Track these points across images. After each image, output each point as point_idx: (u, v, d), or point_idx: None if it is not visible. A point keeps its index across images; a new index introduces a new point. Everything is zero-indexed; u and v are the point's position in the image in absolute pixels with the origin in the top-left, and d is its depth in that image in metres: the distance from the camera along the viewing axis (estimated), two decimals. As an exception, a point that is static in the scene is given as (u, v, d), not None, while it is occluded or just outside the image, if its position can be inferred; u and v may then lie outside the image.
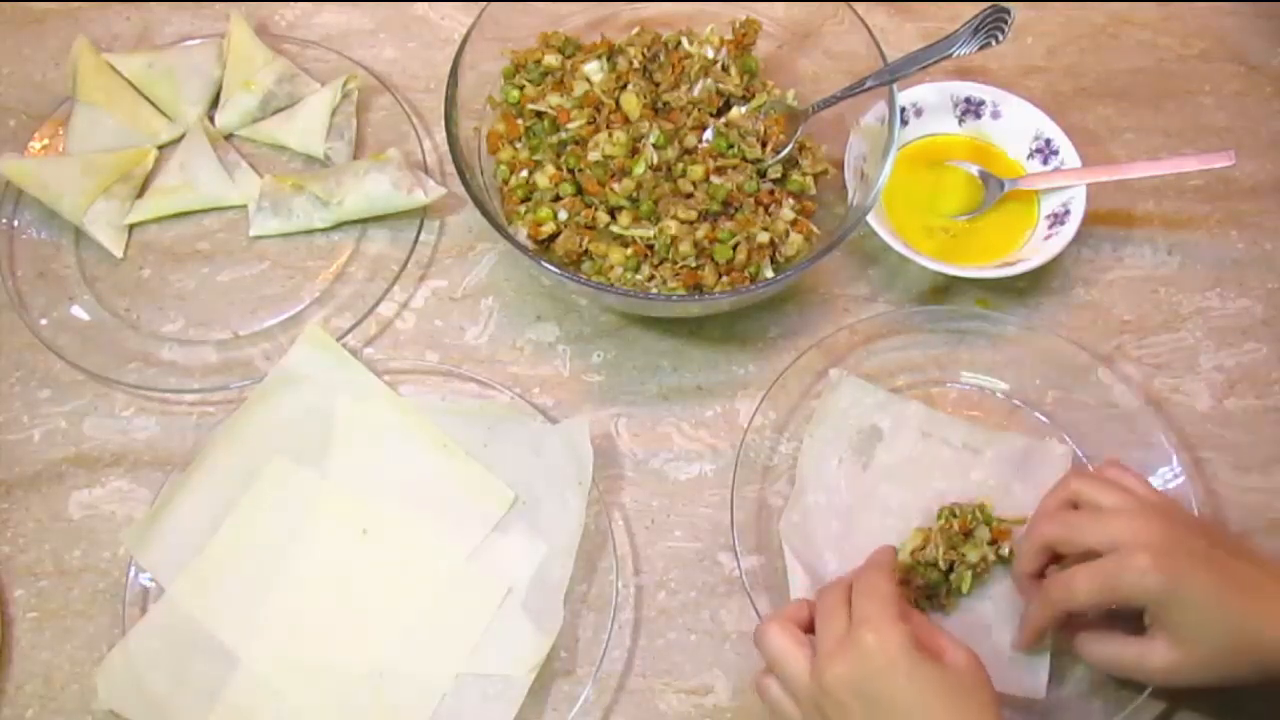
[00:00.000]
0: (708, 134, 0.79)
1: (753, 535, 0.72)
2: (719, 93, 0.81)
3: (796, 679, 0.57)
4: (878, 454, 0.73)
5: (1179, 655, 0.59)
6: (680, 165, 0.77)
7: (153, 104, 0.88)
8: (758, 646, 0.60)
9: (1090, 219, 0.81)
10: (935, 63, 0.76)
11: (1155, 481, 0.72)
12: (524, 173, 0.80)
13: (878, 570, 0.60)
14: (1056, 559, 0.66)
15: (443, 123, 0.77)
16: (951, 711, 0.55)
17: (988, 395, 0.78)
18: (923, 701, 0.54)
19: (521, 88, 0.82)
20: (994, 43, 0.75)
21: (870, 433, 0.74)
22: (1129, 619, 0.62)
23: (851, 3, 0.81)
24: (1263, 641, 0.58)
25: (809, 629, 0.60)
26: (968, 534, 0.70)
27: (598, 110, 0.79)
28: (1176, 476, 0.72)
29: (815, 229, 0.79)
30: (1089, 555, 0.61)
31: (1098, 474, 0.67)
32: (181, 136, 0.87)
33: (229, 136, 0.88)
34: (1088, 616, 0.65)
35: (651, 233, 0.76)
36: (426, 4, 0.96)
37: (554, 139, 0.80)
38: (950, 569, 0.69)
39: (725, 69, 0.82)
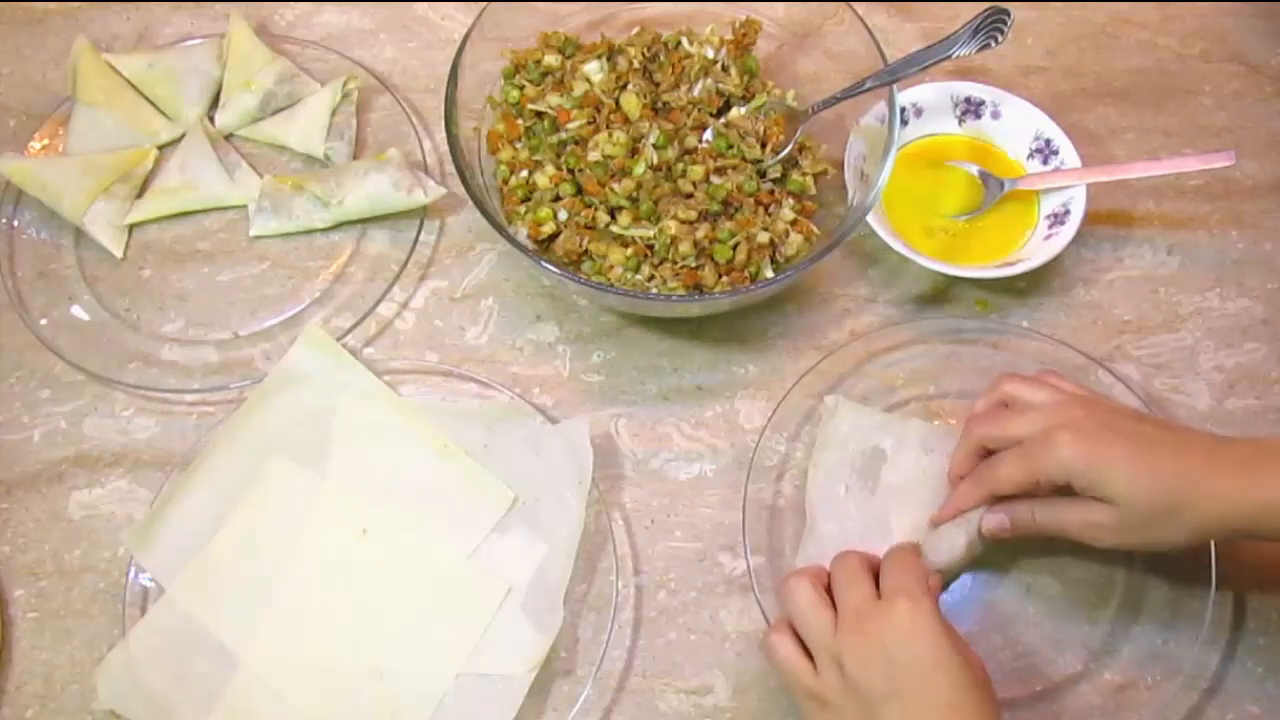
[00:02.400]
0: (708, 134, 0.79)
1: (752, 535, 0.72)
2: (719, 93, 0.81)
3: (821, 634, 0.59)
4: (884, 476, 0.72)
5: (1116, 515, 0.61)
6: (680, 165, 0.77)
7: (153, 104, 0.88)
8: (782, 598, 0.62)
9: (1090, 219, 0.81)
10: (935, 63, 0.76)
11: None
12: (524, 173, 0.80)
13: (909, 550, 0.64)
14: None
15: (443, 123, 0.77)
16: (958, 690, 0.56)
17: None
18: (936, 674, 0.56)
19: (521, 88, 0.82)
20: (993, 44, 0.75)
21: (873, 455, 0.73)
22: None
23: (851, 3, 0.81)
24: (1190, 499, 0.60)
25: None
26: None
27: (598, 110, 0.79)
28: None
29: (815, 229, 0.79)
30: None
31: (1030, 376, 0.69)
32: (181, 136, 0.87)
33: (229, 136, 0.88)
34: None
35: (651, 233, 0.76)
36: (426, 4, 0.96)
37: (554, 139, 0.80)
38: None
39: (725, 69, 0.82)
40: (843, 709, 0.58)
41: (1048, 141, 0.85)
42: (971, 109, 0.87)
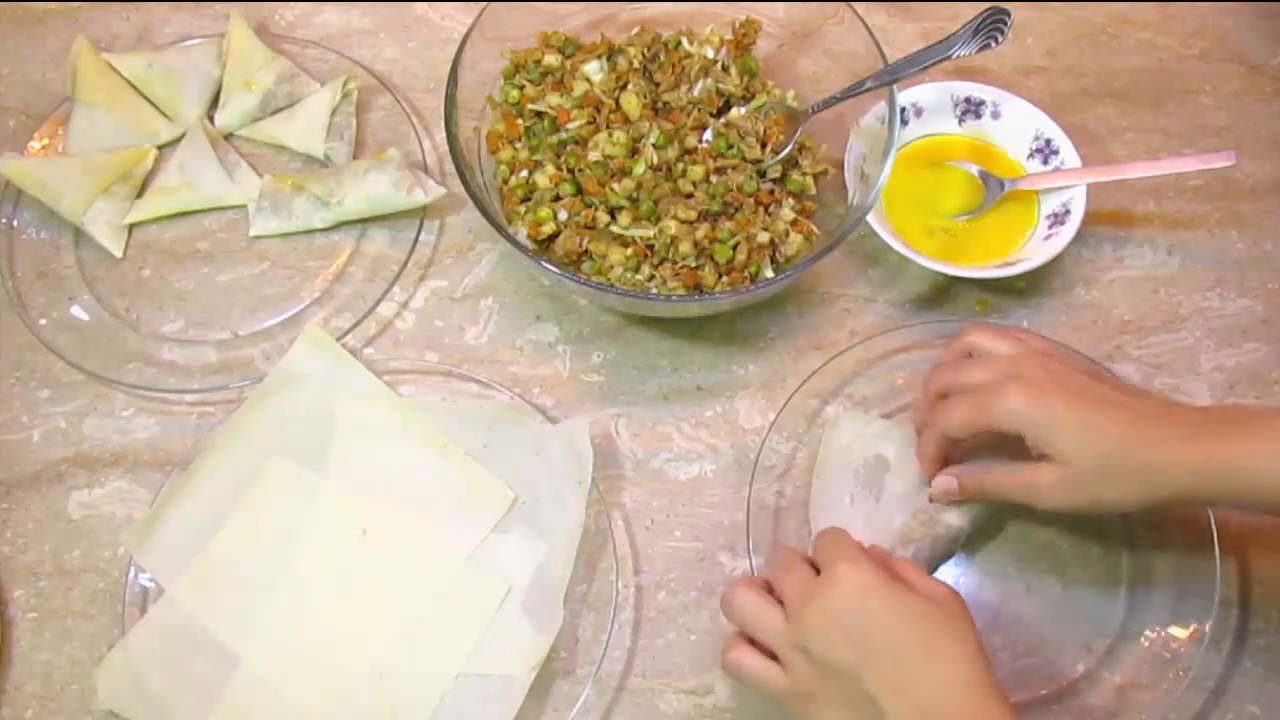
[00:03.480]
0: (708, 134, 0.79)
1: (753, 535, 0.71)
2: (719, 93, 0.81)
3: (776, 629, 0.59)
4: (887, 484, 0.71)
5: (1061, 473, 0.61)
6: (680, 165, 0.77)
7: (153, 104, 0.88)
8: (727, 611, 0.61)
9: (1090, 219, 0.81)
10: (935, 63, 0.76)
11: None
12: (524, 173, 0.80)
13: (836, 528, 0.63)
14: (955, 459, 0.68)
15: (443, 123, 0.77)
16: (927, 633, 0.56)
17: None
18: (900, 626, 0.56)
19: (521, 88, 0.82)
20: (993, 44, 0.75)
21: (876, 463, 0.72)
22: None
23: (851, 3, 0.81)
24: (1137, 460, 0.60)
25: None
26: None
27: (598, 110, 0.79)
28: None
29: (815, 229, 0.79)
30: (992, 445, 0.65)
31: (996, 328, 0.69)
32: (181, 136, 0.87)
33: (229, 136, 0.88)
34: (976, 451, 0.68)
35: (651, 233, 0.76)
36: (426, 4, 0.96)
37: (554, 139, 0.80)
38: None
39: (725, 69, 0.82)
40: (824, 693, 0.57)
41: (1048, 141, 0.85)
42: (971, 109, 0.87)
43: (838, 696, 0.57)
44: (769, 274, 0.77)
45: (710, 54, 0.82)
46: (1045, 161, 0.85)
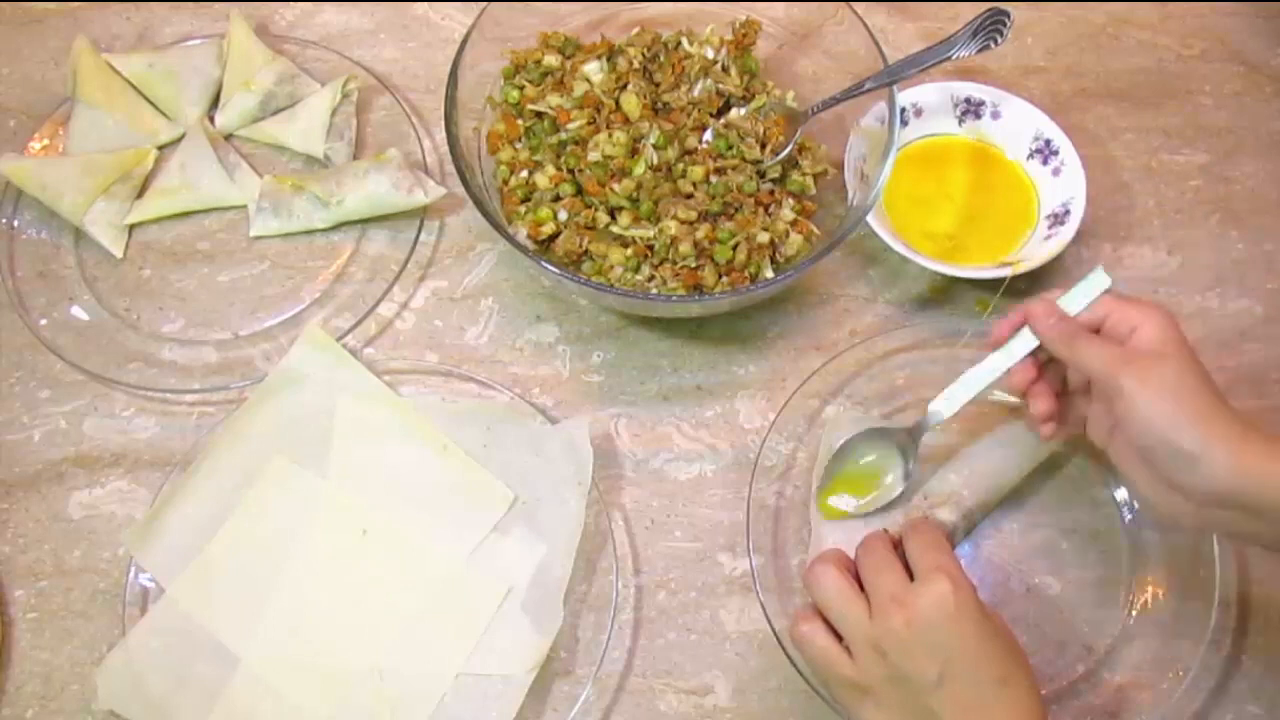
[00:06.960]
0: (708, 134, 0.79)
1: (753, 535, 0.72)
2: (719, 93, 0.81)
3: (858, 623, 0.58)
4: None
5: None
6: (680, 166, 0.77)
7: (153, 104, 0.88)
8: (811, 587, 0.60)
9: (1090, 219, 0.81)
10: (935, 64, 0.76)
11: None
12: (524, 173, 0.80)
13: (932, 529, 0.62)
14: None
15: (443, 123, 0.77)
16: (1003, 663, 0.56)
17: (988, 399, 0.78)
18: (980, 653, 0.56)
19: (521, 88, 0.82)
20: (993, 44, 0.75)
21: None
22: None
23: (851, 3, 0.81)
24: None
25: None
26: None
27: (598, 110, 0.79)
28: None
29: (815, 229, 0.79)
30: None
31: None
32: (181, 137, 0.87)
33: (229, 136, 0.88)
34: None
35: (651, 233, 0.76)
36: (426, 4, 0.96)
37: (554, 139, 0.80)
38: None
39: (725, 69, 0.82)
40: (886, 695, 0.57)
41: (1048, 142, 0.85)
42: (971, 109, 0.87)
43: (899, 703, 0.57)
44: (769, 274, 0.77)
45: (710, 54, 0.82)
46: (1045, 162, 0.85)
